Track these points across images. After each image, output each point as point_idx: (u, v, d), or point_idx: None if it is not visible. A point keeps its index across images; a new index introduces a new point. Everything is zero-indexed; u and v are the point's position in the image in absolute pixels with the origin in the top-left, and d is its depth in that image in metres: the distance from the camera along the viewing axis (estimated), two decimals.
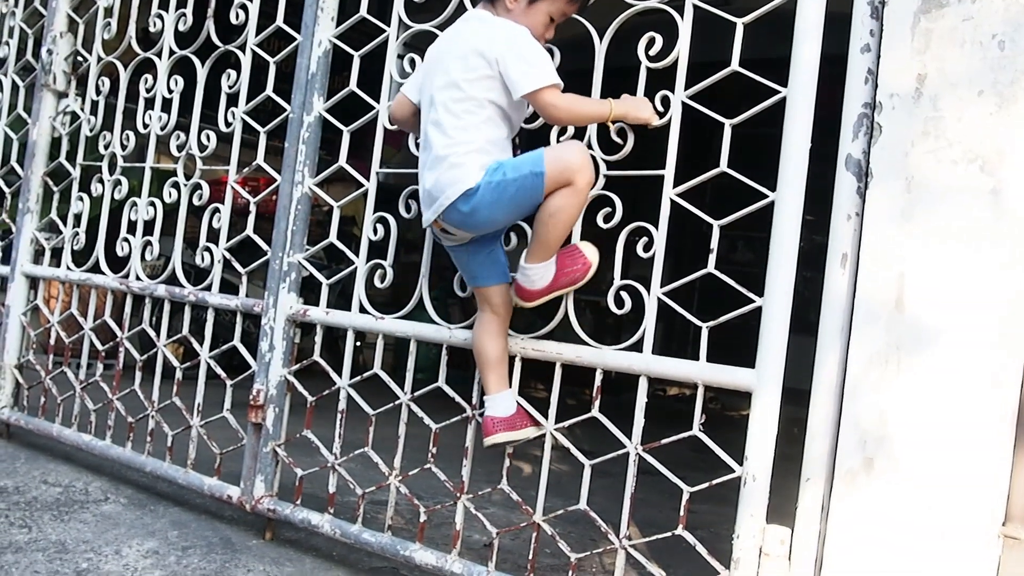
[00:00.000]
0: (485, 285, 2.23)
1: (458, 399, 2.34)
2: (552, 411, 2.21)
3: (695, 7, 2.10)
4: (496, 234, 2.25)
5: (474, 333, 2.27)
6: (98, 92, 3.35)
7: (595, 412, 2.13)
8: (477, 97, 2.07)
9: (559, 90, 2.05)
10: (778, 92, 1.96)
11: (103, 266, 3.23)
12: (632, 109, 2.11)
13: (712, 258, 2.04)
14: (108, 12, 3.34)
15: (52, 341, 3.40)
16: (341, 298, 2.78)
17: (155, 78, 3.11)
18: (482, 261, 2.23)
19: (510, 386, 2.24)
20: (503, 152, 2.12)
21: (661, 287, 2.09)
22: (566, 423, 2.19)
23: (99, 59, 3.34)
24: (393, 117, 2.41)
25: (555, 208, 2.03)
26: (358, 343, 2.58)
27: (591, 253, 2.15)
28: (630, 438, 2.08)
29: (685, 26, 2.09)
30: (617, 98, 2.12)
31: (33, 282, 3.53)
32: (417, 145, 2.45)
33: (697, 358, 2.04)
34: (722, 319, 2.00)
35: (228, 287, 2.95)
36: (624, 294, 2.13)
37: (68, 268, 3.36)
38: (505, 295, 2.24)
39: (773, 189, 1.93)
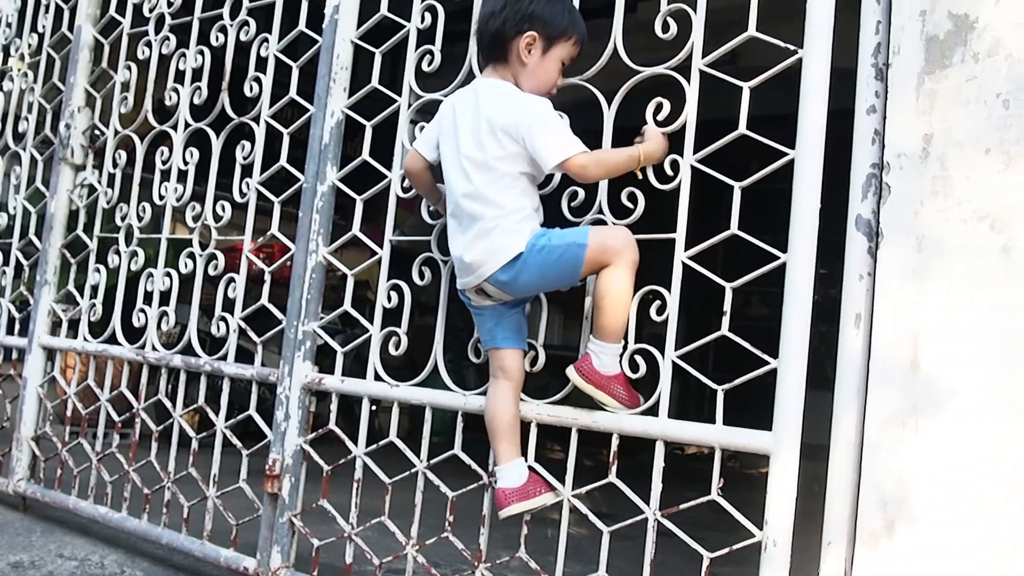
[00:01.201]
0: (504, 347, 2.24)
1: (474, 466, 2.33)
2: (569, 477, 2.19)
3: (701, 72, 2.13)
4: (526, 299, 2.28)
5: (487, 401, 2.26)
6: (115, 165, 3.41)
7: (612, 478, 2.12)
8: (512, 172, 2.13)
9: (587, 153, 2.08)
10: (786, 154, 1.97)
11: (119, 337, 3.25)
12: (656, 151, 2.14)
13: (725, 320, 2.04)
14: (125, 86, 3.41)
15: (69, 412, 3.40)
16: (356, 361, 2.79)
17: (171, 150, 3.16)
18: (507, 324, 2.25)
19: (524, 453, 2.22)
20: (540, 215, 2.19)
21: (676, 350, 2.09)
22: (583, 489, 2.18)
23: (116, 132, 3.41)
24: (407, 172, 2.44)
25: (605, 289, 2.07)
26: (374, 407, 2.58)
27: (640, 399, 2.13)
28: (648, 503, 2.06)
29: (692, 91, 2.12)
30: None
31: (50, 353, 3.55)
32: (431, 213, 2.49)
33: (714, 418, 2.03)
34: (737, 382, 1.99)
35: (244, 354, 2.97)
36: (639, 358, 2.12)
37: (85, 339, 3.39)
38: (520, 360, 2.24)
39: (785, 245, 1.94)
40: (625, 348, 2.13)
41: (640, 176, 2.15)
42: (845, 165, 1.92)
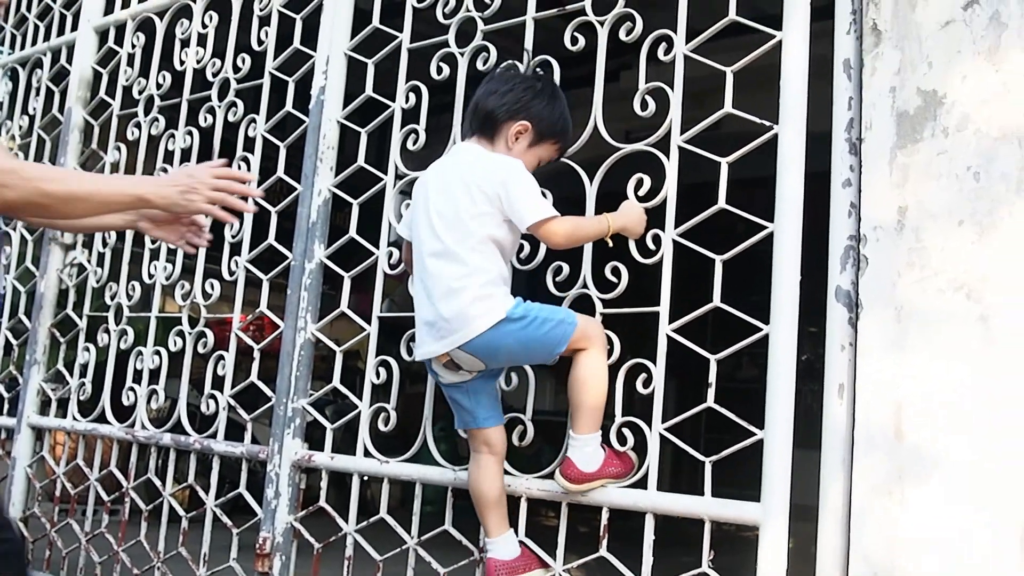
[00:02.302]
0: (486, 426, 2.23)
1: (465, 542, 2.32)
2: (560, 551, 2.19)
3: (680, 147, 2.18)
4: (498, 372, 2.27)
5: (471, 476, 2.26)
6: (104, 244, 3.43)
7: (603, 552, 2.12)
8: (480, 234, 2.10)
9: (561, 218, 2.10)
10: (765, 227, 2.01)
11: (108, 415, 3.25)
12: (629, 223, 2.17)
13: (711, 392, 2.06)
14: (115, 167, 3.45)
15: (58, 492, 3.38)
16: (347, 432, 2.79)
17: None
18: (482, 401, 2.24)
19: (514, 526, 2.22)
20: (508, 285, 2.17)
21: (664, 421, 2.11)
22: (575, 563, 2.18)
23: None
24: (404, 259, 2.45)
25: (588, 374, 2.09)
26: (364, 477, 2.58)
27: (634, 457, 2.15)
28: (640, 575, 2.06)
29: (671, 167, 2.16)
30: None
31: (39, 433, 3.54)
32: None
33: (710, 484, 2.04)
34: (724, 454, 2.01)
35: (234, 427, 2.97)
36: (626, 430, 2.14)
37: (75, 418, 3.38)
38: (503, 433, 2.24)
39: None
40: (612, 421, 2.15)
41: (611, 244, 2.17)
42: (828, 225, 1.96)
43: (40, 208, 1.89)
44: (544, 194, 2.16)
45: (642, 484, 2.10)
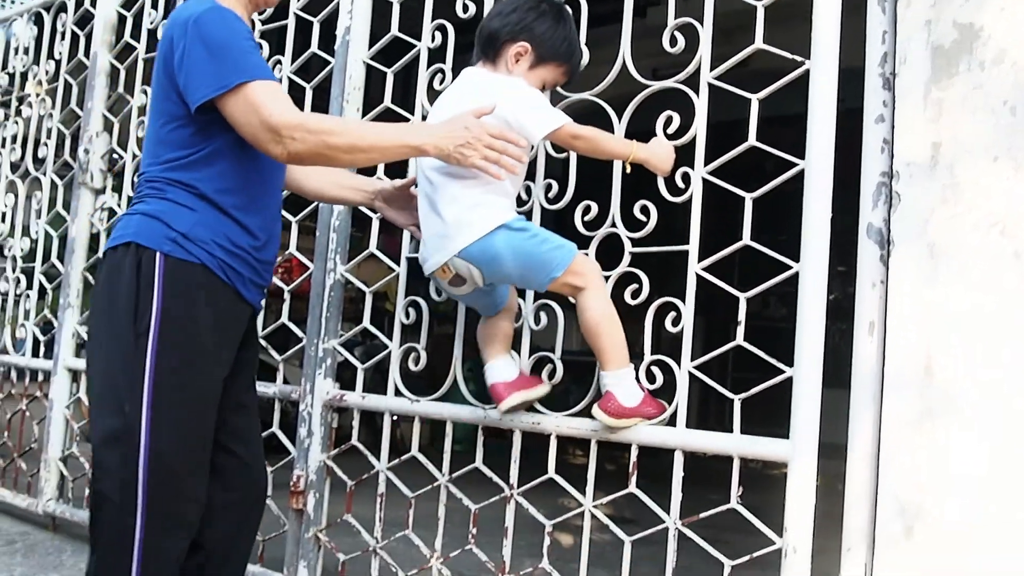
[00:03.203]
0: (504, 306, 2.31)
1: (496, 479, 2.36)
2: (589, 489, 2.22)
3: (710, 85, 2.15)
4: (504, 288, 2.31)
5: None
6: (133, 188, 3.45)
7: (632, 488, 2.15)
8: None
9: (575, 125, 2.10)
10: (796, 164, 2.00)
11: None
12: (654, 157, 2.15)
13: (740, 330, 2.07)
14: (141, 111, 3.45)
15: None
16: (377, 371, 2.82)
17: None
18: (498, 290, 2.28)
19: (543, 464, 2.25)
20: (513, 204, 2.19)
21: (692, 359, 2.11)
22: (604, 500, 2.21)
23: (134, 156, 3.45)
24: None
25: (597, 313, 2.10)
26: (395, 417, 2.62)
27: (665, 405, 2.15)
28: (669, 511, 2.09)
29: (701, 105, 2.14)
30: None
31: (75, 375, 3.60)
32: None
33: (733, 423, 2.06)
34: (752, 391, 2.02)
35: (265, 367, 3.00)
36: (655, 369, 2.15)
37: None
38: (515, 297, 2.34)
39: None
40: (641, 360, 2.16)
41: (628, 170, 2.17)
42: (859, 162, 1.95)
43: (324, 159, 1.96)
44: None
45: (671, 422, 2.12)
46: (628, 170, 2.16)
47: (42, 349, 3.85)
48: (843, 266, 2.02)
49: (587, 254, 2.21)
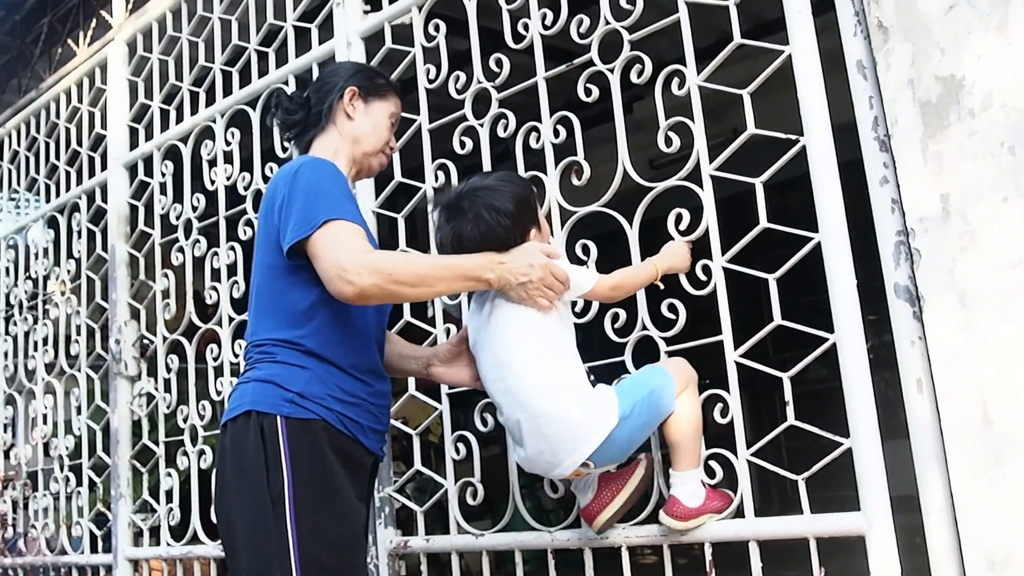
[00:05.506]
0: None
1: None
2: None
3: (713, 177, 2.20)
4: None
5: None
6: (168, 370, 3.50)
7: None
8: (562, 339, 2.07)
9: (603, 278, 2.10)
10: (811, 239, 2.02)
11: (201, 535, 3.28)
12: (675, 261, 2.17)
13: (790, 411, 2.06)
14: (165, 294, 3.53)
15: None
16: (435, 507, 2.80)
17: (219, 346, 3.25)
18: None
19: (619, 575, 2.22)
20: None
21: (747, 448, 2.10)
22: None
23: (164, 339, 3.51)
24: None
25: (685, 417, 2.07)
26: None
27: (731, 496, 2.12)
28: None
29: (707, 197, 2.18)
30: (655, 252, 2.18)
31: (136, 565, 3.60)
32: None
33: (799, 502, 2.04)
34: (814, 469, 2.00)
35: None
36: (713, 463, 2.13)
37: (168, 544, 3.43)
38: None
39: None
40: None
41: (662, 287, 2.15)
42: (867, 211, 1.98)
43: (391, 296, 1.97)
44: (585, 262, 2.24)
45: (739, 513, 2.09)
46: (662, 287, 2.16)
47: (99, 544, 3.84)
48: (872, 315, 2.03)
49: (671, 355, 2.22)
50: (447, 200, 2.07)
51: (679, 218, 2.21)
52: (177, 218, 3.50)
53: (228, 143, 3.33)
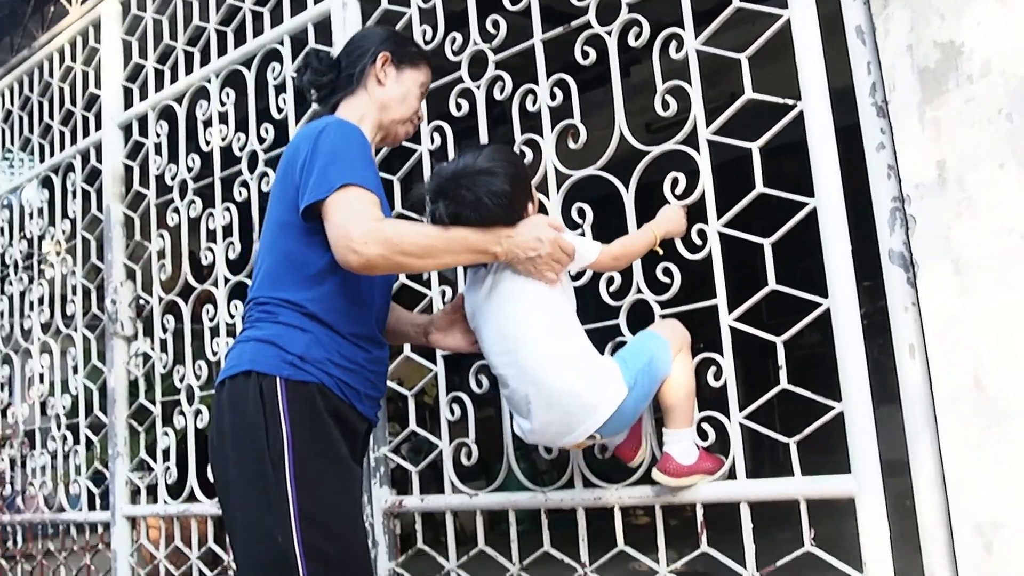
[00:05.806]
0: None
1: (567, 560, 2.36)
2: (661, 555, 2.21)
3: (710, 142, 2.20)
4: None
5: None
6: (164, 330, 3.51)
7: (704, 547, 2.14)
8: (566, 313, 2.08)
9: (604, 250, 2.08)
10: (807, 204, 2.03)
11: (198, 494, 3.31)
12: (670, 226, 2.19)
13: (783, 374, 2.08)
14: (161, 254, 3.53)
15: (162, 574, 3.46)
16: (430, 468, 2.82)
17: (215, 306, 3.26)
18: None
19: (611, 536, 2.24)
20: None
21: (739, 411, 2.12)
22: (678, 564, 2.20)
23: (160, 299, 3.52)
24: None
25: (679, 379, 2.09)
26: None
27: (723, 459, 2.14)
28: (744, 564, 2.08)
29: (704, 162, 2.18)
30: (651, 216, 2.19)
31: (133, 521, 3.63)
32: None
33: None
34: (807, 432, 2.03)
35: None
36: (706, 425, 2.15)
37: (165, 502, 3.45)
38: None
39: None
40: None
41: (661, 252, 2.18)
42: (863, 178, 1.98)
43: (397, 266, 1.98)
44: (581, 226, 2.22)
45: (731, 475, 2.12)
46: (661, 252, 2.17)
47: (97, 501, 3.87)
48: (867, 281, 2.03)
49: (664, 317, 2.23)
50: (441, 183, 2.01)
51: (675, 182, 2.22)
52: (172, 179, 3.49)
53: (223, 103, 3.31)
